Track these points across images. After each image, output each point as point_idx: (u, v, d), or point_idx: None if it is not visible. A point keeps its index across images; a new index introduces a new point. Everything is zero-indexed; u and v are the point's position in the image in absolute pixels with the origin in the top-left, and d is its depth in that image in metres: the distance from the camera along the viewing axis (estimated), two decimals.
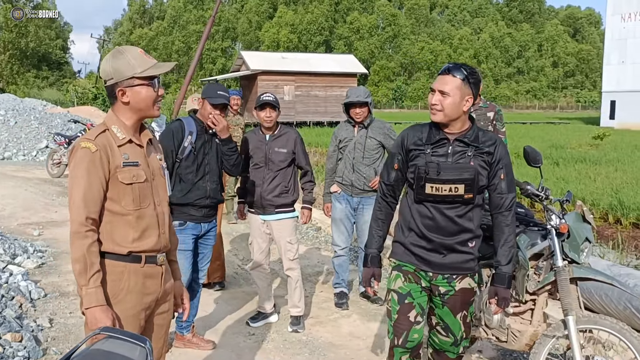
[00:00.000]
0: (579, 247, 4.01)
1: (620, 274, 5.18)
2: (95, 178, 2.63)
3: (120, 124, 2.77)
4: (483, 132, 3.38)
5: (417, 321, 3.47)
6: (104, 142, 2.69)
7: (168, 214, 2.96)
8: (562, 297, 3.85)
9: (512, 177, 3.40)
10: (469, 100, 3.26)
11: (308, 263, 7.82)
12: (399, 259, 3.53)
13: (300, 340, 5.30)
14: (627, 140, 30.27)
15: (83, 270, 2.56)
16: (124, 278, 2.72)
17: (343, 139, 6.13)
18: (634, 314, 4.91)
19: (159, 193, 2.89)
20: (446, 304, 3.47)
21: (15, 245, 7.48)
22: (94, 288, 2.56)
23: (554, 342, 3.95)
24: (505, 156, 3.36)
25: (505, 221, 3.39)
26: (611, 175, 17.20)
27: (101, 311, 2.55)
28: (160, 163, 2.96)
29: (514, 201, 3.41)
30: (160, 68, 2.79)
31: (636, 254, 9.69)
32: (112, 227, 2.71)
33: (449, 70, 3.28)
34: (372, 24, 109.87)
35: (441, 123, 3.33)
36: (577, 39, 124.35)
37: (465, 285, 3.45)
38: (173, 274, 3.05)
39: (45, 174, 15.14)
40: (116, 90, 2.74)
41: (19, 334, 4.81)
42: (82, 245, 2.57)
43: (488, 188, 3.39)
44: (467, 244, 3.39)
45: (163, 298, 2.93)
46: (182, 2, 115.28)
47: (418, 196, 3.38)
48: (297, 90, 48.73)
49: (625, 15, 49.94)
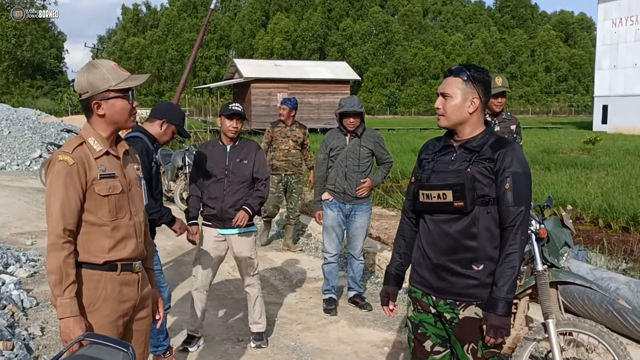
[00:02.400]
0: (558, 251, 4.10)
1: (603, 277, 5.25)
2: (72, 190, 2.70)
3: (97, 136, 2.83)
4: (497, 138, 3.05)
5: (436, 351, 3.18)
6: (81, 154, 2.76)
7: (145, 223, 3.04)
8: (542, 301, 3.93)
9: (523, 190, 2.93)
10: (474, 101, 3.01)
11: (298, 269, 7.89)
12: (410, 281, 3.29)
13: (288, 346, 5.37)
14: (618, 144, 30.39)
15: (58, 282, 2.63)
16: (100, 286, 2.80)
17: (335, 147, 6.18)
18: (616, 317, 5.00)
19: (135, 203, 2.96)
20: (454, 332, 3.08)
21: (8, 254, 7.54)
22: (68, 299, 2.63)
23: (535, 345, 4.03)
24: (515, 165, 2.92)
25: (509, 239, 2.91)
26: (602, 179, 17.27)
27: (74, 322, 2.63)
28: (137, 173, 3.03)
29: (522, 217, 2.91)
30: (134, 80, 2.86)
31: (625, 258, 9.76)
32: (89, 238, 2.78)
33: (452, 72, 3.09)
34: (365, 30, 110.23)
35: (450, 129, 3.11)
36: (570, 43, 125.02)
37: (471, 314, 3.00)
38: (150, 281, 3.12)
39: (38, 184, 15.16)
40: (92, 103, 2.80)
41: (10, 342, 4.86)
42: (58, 257, 2.64)
43: (497, 200, 2.96)
44: (470, 267, 2.98)
45: (141, 304, 3.00)
46: (176, 10, 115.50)
47: (416, 207, 3.17)
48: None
49: (616, 20, 50.22)
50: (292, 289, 7.07)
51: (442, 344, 3.17)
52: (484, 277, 2.96)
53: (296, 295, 6.85)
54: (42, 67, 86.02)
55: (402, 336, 5.58)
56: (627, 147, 28.35)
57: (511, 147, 2.98)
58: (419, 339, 3.21)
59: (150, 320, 3.13)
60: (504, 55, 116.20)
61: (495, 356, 3.09)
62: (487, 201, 2.95)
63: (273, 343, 5.44)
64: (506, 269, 2.89)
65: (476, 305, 3.00)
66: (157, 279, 4.39)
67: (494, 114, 5.92)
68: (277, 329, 5.79)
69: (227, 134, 5.16)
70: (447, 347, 3.18)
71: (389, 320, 6.00)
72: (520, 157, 2.97)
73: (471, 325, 3.01)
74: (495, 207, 2.96)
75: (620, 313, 4.96)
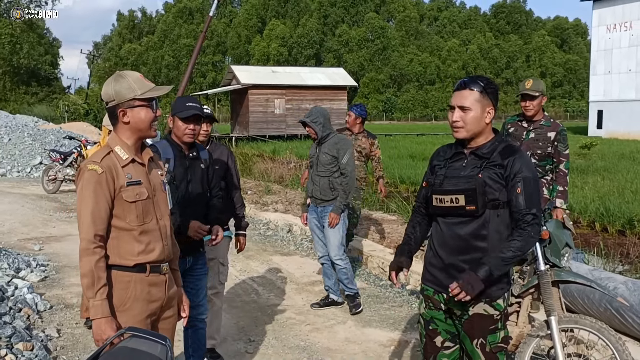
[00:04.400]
0: (559, 252, 4.29)
1: (601, 277, 5.45)
2: (101, 198, 2.88)
3: (123, 145, 3.02)
4: (505, 145, 3.22)
5: (446, 346, 3.36)
6: (109, 164, 2.94)
7: (170, 227, 3.21)
8: (545, 299, 4.12)
9: (534, 193, 3.12)
10: (490, 112, 3.18)
11: (303, 273, 8.06)
12: (422, 280, 3.44)
13: (298, 346, 5.55)
14: (614, 149, 30.65)
15: (91, 284, 2.81)
16: (130, 287, 2.97)
17: (311, 155, 6.57)
18: (614, 314, 5.20)
19: (161, 208, 3.13)
20: (463, 328, 3.26)
21: (19, 259, 7.70)
22: (100, 300, 2.81)
23: (537, 341, 4.21)
24: (525, 170, 3.10)
25: (520, 232, 3.09)
26: (598, 183, 17.52)
27: (106, 322, 2.80)
28: (161, 179, 3.21)
29: (535, 220, 3.10)
30: (158, 91, 3.05)
31: (621, 260, 9.95)
32: (119, 242, 2.95)
33: (466, 84, 3.19)
34: (361, 36, 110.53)
35: (464, 139, 3.23)
36: (565, 49, 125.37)
37: (480, 310, 3.19)
38: (175, 281, 3.30)
39: (40, 190, 15.32)
40: (117, 111, 2.98)
41: (29, 343, 5.03)
42: (90, 261, 2.82)
43: (509, 204, 3.14)
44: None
45: (167, 304, 3.18)
46: (172, 16, 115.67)
47: (430, 210, 3.34)
48: (287, 104, 49.07)
49: (611, 26, 50.53)
50: (299, 292, 7.24)
51: (452, 339, 3.35)
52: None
53: (303, 297, 7.02)
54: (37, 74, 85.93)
55: (408, 336, 5.76)
56: (622, 152, 28.62)
57: (519, 154, 3.16)
58: (430, 335, 3.38)
59: (176, 320, 3.31)
60: (500, 61, 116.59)
61: (502, 351, 3.28)
62: (497, 205, 3.12)
63: (284, 343, 5.62)
64: (506, 249, 3.07)
65: (485, 302, 3.18)
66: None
67: (527, 118, 5.73)
68: (287, 330, 5.96)
69: (197, 138, 4.49)
70: (456, 343, 3.36)
71: (395, 320, 6.19)
72: (528, 163, 3.16)
73: (480, 321, 3.19)
74: (504, 210, 3.15)
75: (618, 311, 5.15)
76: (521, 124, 5.76)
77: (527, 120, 5.74)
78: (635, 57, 48.54)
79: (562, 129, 5.70)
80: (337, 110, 49.51)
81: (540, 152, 5.62)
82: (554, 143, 5.66)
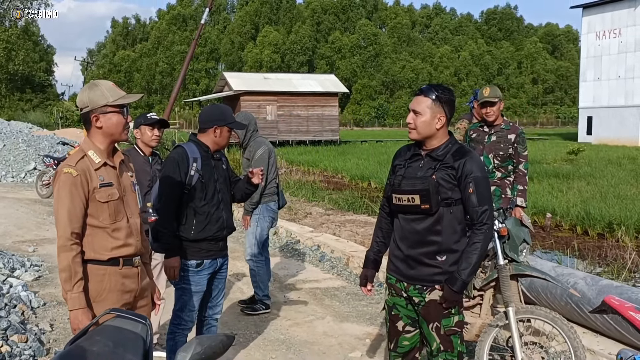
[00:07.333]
0: (517, 247, 4.63)
1: (563, 273, 5.78)
2: (77, 198, 3.17)
3: (96, 149, 3.30)
4: (458, 148, 3.50)
5: (407, 330, 3.68)
6: (83, 167, 3.22)
7: (140, 224, 3.52)
8: (504, 291, 4.43)
9: (484, 191, 3.44)
10: (440, 118, 3.45)
11: (287, 273, 8.38)
12: (387, 270, 3.75)
13: (278, 339, 5.86)
14: (601, 155, 30.99)
15: (68, 278, 3.12)
16: (105, 279, 3.28)
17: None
18: (574, 308, 5.53)
19: (131, 207, 3.44)
20: (421, 313, 3.58)
21: (14, 259, 7.99)
22: (77, 293, 3.13)
23: (497, 331, 4.53)
24: (476, 170, 3.41)
25: (477, 232, 3.43)
26: (583, 188, 17.80)
27: (82, 313, 3.13)
28: (131, 180, 3.51)
29: (486, 215, 3.43)
30: (128, 98, 3.34)
31: (599, 262, 10.27)
32: (93, 239, 3.26)
33: (422, 91, 3.53)
34: (353, 43, 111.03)
35: (418, 140, 3.55)
36: (556, 55, 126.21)
37: (435, 297, 3.50)
38: (147, 273, 3.62)
39: (34, 195, 15.62)
40: (91, 117, 3.26)
41: (24, 335, 5.35)
42: (67, 257, 3.12)
43: (463, 202, 3.47)
44: (435, 258, 3.48)
45: (141, 294, 3.50)
46: (166, 23, 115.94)
47: (391, 207, 3.66)
48: (279, 110, 49.33)
49: (600, 33, 51.06)
50: (281, 290, 7.55)
51: (413, 324, 3.68)
52: (447, 266, 3.49)
53: (285, 295, 7.33)
54: (31, 81, 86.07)
55: (382, 330, 6.06)
56: (609, 158, 28.95)
57: (470, 156, 3.48)
58: (392, 319, 3.73)
59: (150, 309, 3.64)
60: (491, 67, 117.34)
61: (456, 334, 3.61)
62: (449, 203, 3.46)
63: (264, 336, 5.93)
64: (470, 254, 3.42)
65: (440, 290, 3.51)
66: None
67: (488, 123, 6.05)
68: (268, 324, 6.27)
69: (150, 144, 5.30)
70: (416, 328, 3.71)
71: (371, 316, 6.51)
72: (479, 163, 3.49)
73: (435, 307, 3.53)
74: (457, 207, 3.50)
75: (577, 304, 5.49)
76: (482, 129, 6.12)
77: (488, 125, 6.08)
78: (625, 64, 49.06)
79: (521, 132, 6.06)
80: (329, 116, 49.87)
81: (502, 153, 5.97)
82: (514, 145, 5.99)
